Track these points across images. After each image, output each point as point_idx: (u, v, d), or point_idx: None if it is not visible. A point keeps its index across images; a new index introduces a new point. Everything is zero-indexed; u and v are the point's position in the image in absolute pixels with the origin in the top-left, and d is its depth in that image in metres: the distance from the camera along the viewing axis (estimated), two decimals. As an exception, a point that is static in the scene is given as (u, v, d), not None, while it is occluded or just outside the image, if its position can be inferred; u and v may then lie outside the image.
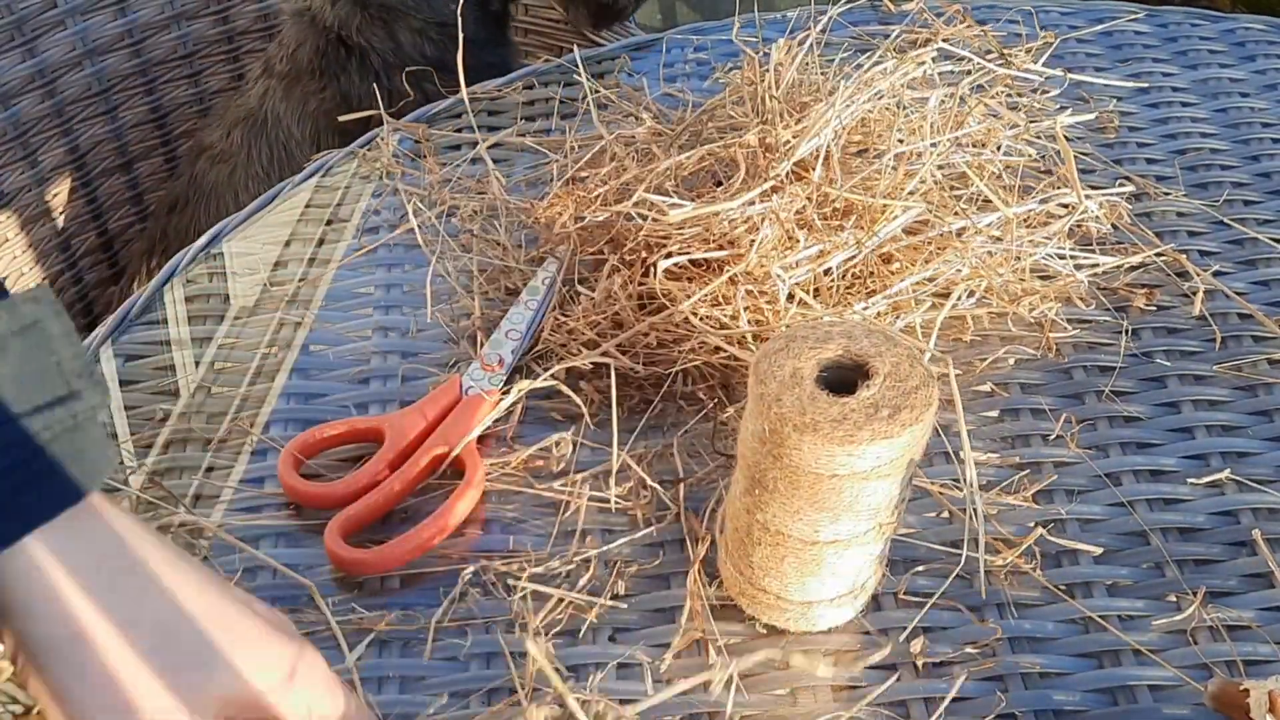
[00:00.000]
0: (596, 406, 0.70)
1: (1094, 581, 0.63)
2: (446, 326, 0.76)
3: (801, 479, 0.53)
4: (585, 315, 0.72)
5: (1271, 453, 0.69)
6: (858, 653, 0.60)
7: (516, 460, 0.68)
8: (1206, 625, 0.62)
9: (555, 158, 0.85)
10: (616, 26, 1.25)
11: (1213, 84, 0.95)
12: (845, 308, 0.70)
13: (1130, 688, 0.59)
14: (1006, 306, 0.75)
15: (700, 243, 0.71)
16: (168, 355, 0.75)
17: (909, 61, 0.78)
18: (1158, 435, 0.70)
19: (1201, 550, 0.65)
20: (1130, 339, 0.75)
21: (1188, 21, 1.00)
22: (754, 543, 0.57)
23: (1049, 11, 1.01)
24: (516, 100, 0.93)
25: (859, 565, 0.57)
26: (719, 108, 0.82)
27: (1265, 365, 0.74)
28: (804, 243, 0.70)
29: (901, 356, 0.54)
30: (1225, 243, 0.82)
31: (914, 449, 0.53)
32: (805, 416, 0.51)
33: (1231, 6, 1.81)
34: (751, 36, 0.94)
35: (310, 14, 1.19)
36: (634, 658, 0.60)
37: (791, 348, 0.54)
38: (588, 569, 0.63)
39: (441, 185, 0.85)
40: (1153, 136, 0.90)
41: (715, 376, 0.71)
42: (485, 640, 0.60)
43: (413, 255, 0.80)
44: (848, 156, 0.76)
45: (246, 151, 1.22)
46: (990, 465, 0.68)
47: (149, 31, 1.26)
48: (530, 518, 0.66)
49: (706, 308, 0.69)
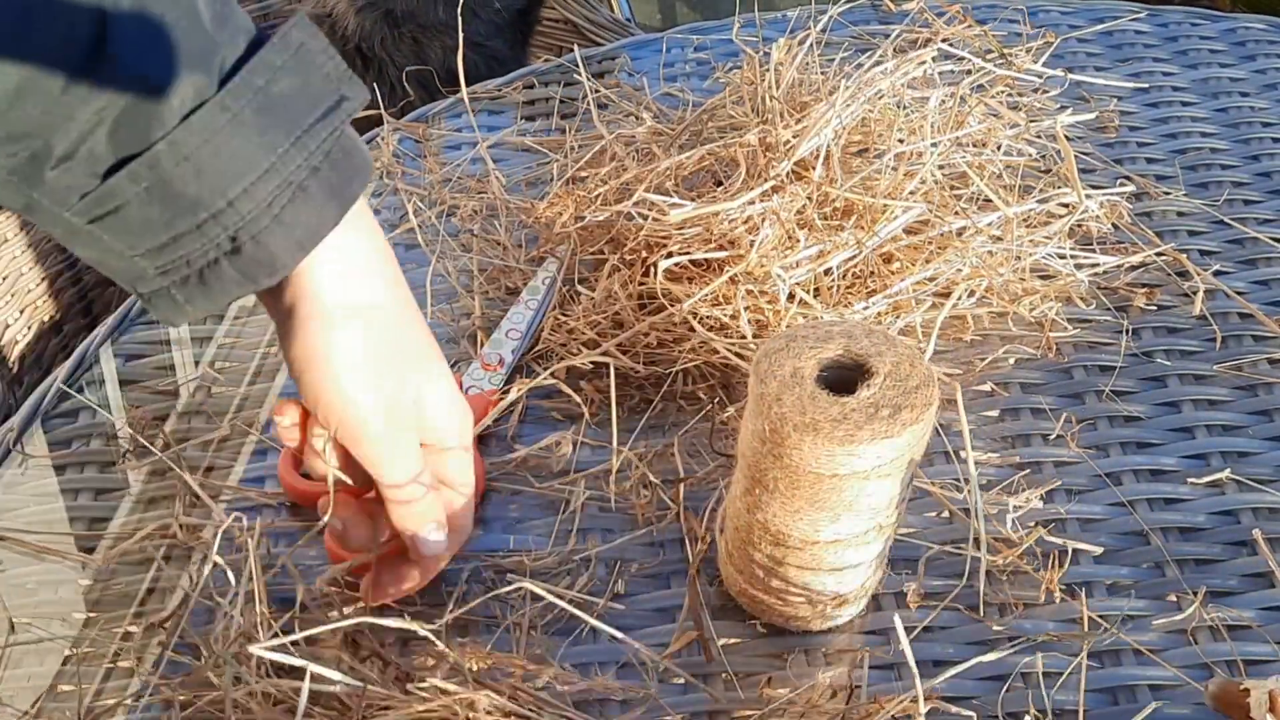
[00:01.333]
0: (596, 406, 0.70)
1: (1094, 581, 0.63)
2: (447, 326, 0.76)
3: (801, 479, 0.53)
4: (585, 315, 0.72)
5: (1271, 453, 0.69)
6: (858, 653, 0.60)
7: (517, 460, 0.68)
8: (1207, 625, 0.62)
9: (555, 157, 0.85)
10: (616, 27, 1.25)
11: (1213, 84, 0.95)
12: (845, 308, 0.70)
13: (1130, 688, 0.59)
14: (1007, 306, 0.75)
15: (700, 243, 0.71)
16: (168, 355, 0.75)
17: (909, 61, 0.78)
18: (1158, 435, 0.70)
19: (1201, 550, 0.65)
20: (1130, 339, 0.75)
21: (1188, 21, 1.00)
22: (754, 543, 0.57)
23: (1049, 11, 1.01)
24: (516, 100, 0.93)
25: (859, 565, 0.57)
26: (719, 107, 0.82)
27: (1265, 365, 0.74)
28: (804, 243, 0.70)
29: (901, 356, 0.54)
30: (1225, 242, 0.82)
31: (914, 449, 0.53)
32: (805, 416, 0.51)
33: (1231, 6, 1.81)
34: (752, 36, 0.94)
35: (329, 21, 1.18)
36: (634, 657, 0.60)
37: (792, 347, 0.54)
38: (588, 569, 0.63)
39: (441, 185, 0.85)
40: (1153, 136, 0.90)
41: (715, 376, 0.71)
42: (487, 639, 0.60)
43: (413, 255, 0.80)
44: (848, 156, 0.76)
45: None
46: (990, 465, 0.68)
47: (149, 31, 1.25)
48: (530, 517, 0.66)
49: (707, 308, 0.69)
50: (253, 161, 0.46)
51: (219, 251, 0.47)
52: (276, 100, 0.47)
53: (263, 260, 0.47)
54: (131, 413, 0.71)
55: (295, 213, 0.47)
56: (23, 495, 0.68)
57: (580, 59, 0.90)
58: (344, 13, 1.18)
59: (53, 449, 0.70)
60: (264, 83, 0.47)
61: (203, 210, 0.46)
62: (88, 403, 0.71)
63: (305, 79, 0.48)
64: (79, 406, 0.72)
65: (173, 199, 0.46)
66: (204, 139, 0.45)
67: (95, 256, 0.48)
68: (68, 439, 0.70)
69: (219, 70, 0.46)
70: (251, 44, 0.47)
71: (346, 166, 0.49)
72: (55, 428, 0.71)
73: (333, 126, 0.48)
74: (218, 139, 0.45)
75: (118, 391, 0.73)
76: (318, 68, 0.48)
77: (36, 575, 0.64)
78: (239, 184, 0.46)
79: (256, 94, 0.46)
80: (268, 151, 0.46)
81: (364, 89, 0.50)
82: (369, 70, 1.19)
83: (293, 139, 0.47)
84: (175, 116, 0.45)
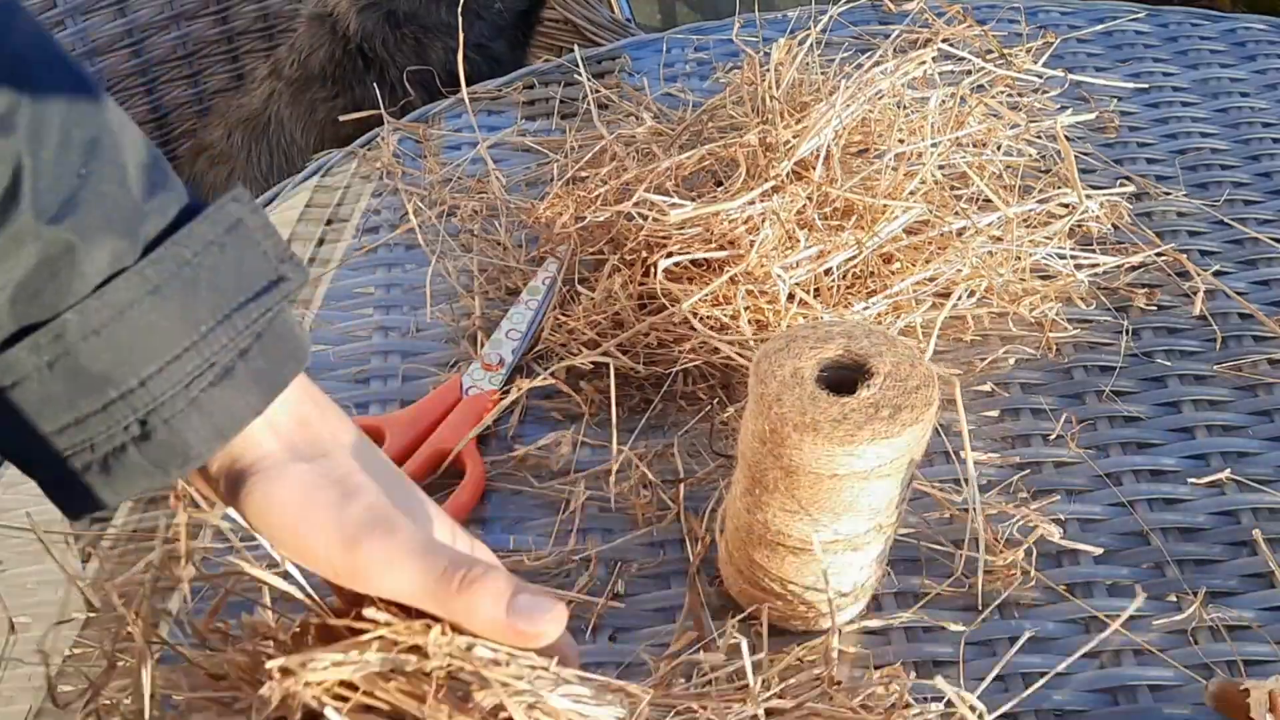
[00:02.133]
0: (596, 406, 0.70)
1: (1094, 581, 0.63)
2: (447, 326, 0.76)
3: (802, 479, 0.53)
4: (585, 315, 0.72)
5: (1271, 453, 0.69)
6: (858, 652, 0.60)
7: (517, 459, 0.68)
8: (1207, 625, 0.62)
9: (555, 158, 0.85)
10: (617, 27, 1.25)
11: (1213, 84, 0.95)
12: (845, 308, 0.70)
13: (1130, 688, 0.59)
14: (1007, 306, 0.75)
15: (700, 243, 0.71)
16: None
17: (909, 61, 0.78)
18: (1158, 435, 0.70)
19: (1201, 550, 0.65)
20: (1130, 339, 0.75)
21: (1188, 21, 1.00)
22: (754, 543, 0.57)
23: (1049, 11, 1.01)
24: (516, 100, 0.93)
25: (859, 565, 0.57)
26: (719, 108, 0.82)
27: (1265, 365, 0.74)
28: (804, 243, 0.70)
29: (901, 356, 0.54)
30: (1225, 242, 0.82)
31: (914, 449, 0.53)
32: (805, 416, 0.51)
33: (1232, 6, 1.81)
34: (752, 36, 0.94)
35: (331, 20, 1.18)
36: (634, 658, 0.60)
37: (792, 348, 0.54)
38: (587, 569, 0.63)
39: (441, 185, 0.85)
40: (1153, 136, 0.90)
41: (715, 376, 0.71)
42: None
43: (413, 255, 0.80)
44: (848, 156, 0.76)
45: (247, 154, 1.22)
46: (990, 465, 0.68)
47: (149, 31, 1.26)
48: (530, 517, 0.66)
49: (707, 308, 0.69)
50: (172, 338, 0.42)
51: (126, 436, 0.42)
52: (205, 275, 0.43)
53: (175, 447, 0.42)
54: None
55: (216, 397, 0.43)
56: (23, 495, 0.68)
57: (580, 59, 0.90)
58: (345, 13, 1.17)
59: (53, 449, 0.70)
60: (192, 255, 0.42)
61: (111, 389, 0.41)
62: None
63: (240, 254, 0.44)
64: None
65: (78, 375, 0.41)
66: (118, 310, 0.41)
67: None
68: (68, 439, 0.70)
69: (143, 239, 0.42)
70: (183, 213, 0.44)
71: (278, 351, 0.44)
72: (55, 428, 0.71)
73: (266, 306, 0.44)
74: (134, 311, 0.41)
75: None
76: (254, 244, 0.44)
77: (36, 575, 0.64)
78: (154, 362, 0.41)
79: (183, 266, 0.42)
80: (190, 329, 0.42)
81: (305, 270, 0.46)
82: (370, 71, 1.18)
83: (219, 317, 0.43)
84: (88, 285, 0.41)
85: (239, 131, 1.21)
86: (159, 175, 0.43)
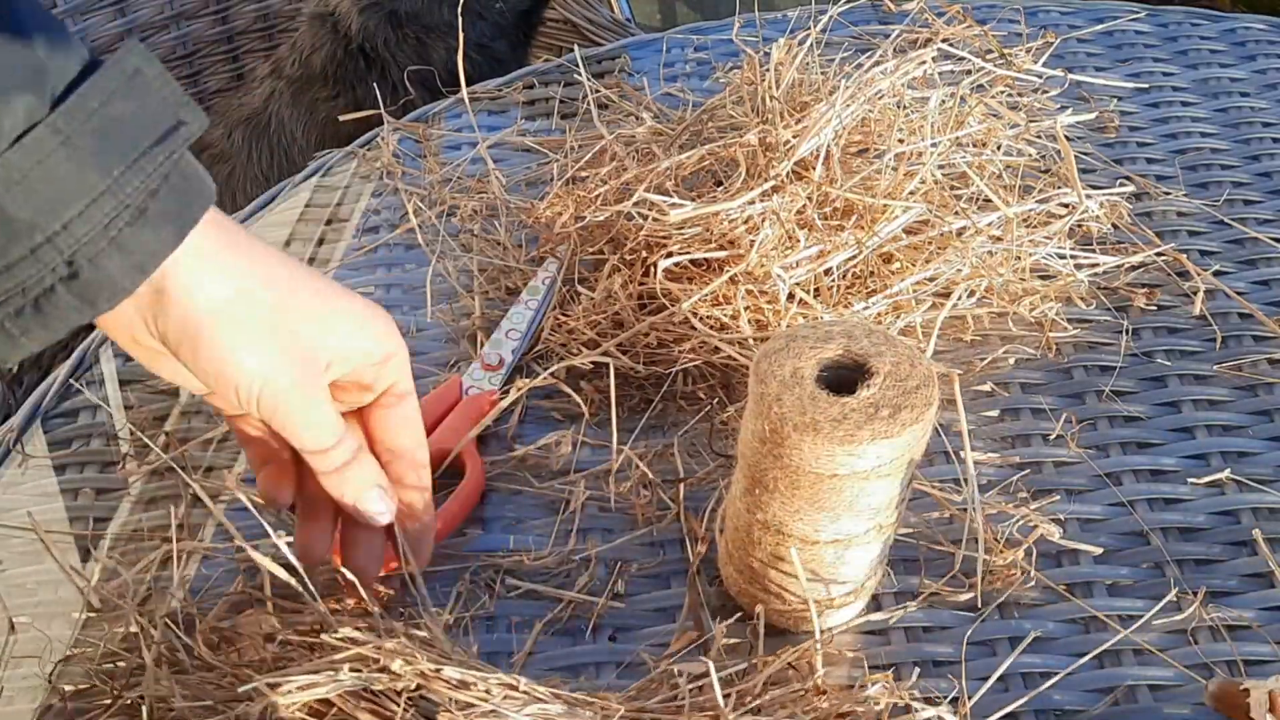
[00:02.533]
0: (596, 406, 0.70)
1: (1094, 581, 0.63)
2: (447, 326, 0.76)
3: (801, 479, 0.53)
4: (585, 315, 0.72)
5: (1271, 453, 0.69)
6: (858, 652, 0.60)
7: (517, 460, 0.68)
8: (1207, 625, 0.62)
9: (555, 157, 0.85)
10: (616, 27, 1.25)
11: (1213, 84, 0.95)
12: (845, 308, 0.70)
13: (1130, 688, 0.59)
14: (1007, 306, 0.75)
15: (700, 243, 0.71)
16: (168, 355, 0.75)
17: (909, 61, 0.78)
18: (1158, 435, 0.70)
19: (1201, 550, 0.65)
20: (1130, 339, 0.75)
21: (1188, 21, 1.00)
22: (754, 543, 0.57)
23: (1049, 11, 1.01)
24: (516, 100, 0.93)
25: (859, 565, 0.57)
26: (719, 108, 0.82)
27: (1265, 365, 0.74)
28: (804, 243, 0.70)
29: (901, 356, 0.54)
30: (1225, 242, 0.82)
31: (914, 449, 0.53)
32: (805, 416, 0.51)
33: (1232, 6, 1.81)
34: (752, 36, 0.94)
35: (332, 20, 1.18)
36: (634, 657, 0.60)
37: (792, 347, 0.54)
38: (587, 569, 0.63)
39: (441, 185, 0.85)
40: (1153, 136, 0.90)
41: (715, 376, 0.71)
42: (487, 639, 0.60)
43: (413, 255, 0.80)
44: (848, 156, 0.76)
45: (247, 153, 1.22)
46: (990, 465, 0.68)
47: (149, 31, 1.26)
48: (530, 517, 0.66)
49: (707, 308, 0.69)
50: (88, 184, 0.45)
51: (55, 277, 0.45)
52: (111, 123, 0.46)
53: (102, 284, 0.46)
54: (131, 412, 0.71)
55: (133, 236, 0.46)
56: (23, 495, 0.68)
57: (580, 59, 0.90)
58: (347, 12, 1.17)
59: (53, 449, 0.70)
60: (98, 105, 0.46)
61: (39, 234, 0.44)
62: (92, 400, 0.71)
63: (142, 103, 0.47)
64: (79, 406, 0.72)
65: (8, 224, 0.44)
66: (36, 160, 0.44)
67: None
68: (68, 439, 0.70)
69: (50, 93, 0.45)
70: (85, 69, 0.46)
71: (186, 190, 0.48)
72: (55, 428, 0.71)
73: (170, 149, 0.47)
74: (51, 161, 0.44)
75: (118, 391, 0.73)
76: (154, 92, 0.47)
77: (36, 575, 0.64)
78: (74, 206, 0.45)
79: (91, 116, 0.45)
80: (103, 174, 0.45)
81: (202, 115, 0.49)
82: (371, 70, 1.18)
83: (129, 162, 0.46)
84: (5, 140, 0.44)
85: (239, 131, 1.21)
86: (57, 34, 0.46)
